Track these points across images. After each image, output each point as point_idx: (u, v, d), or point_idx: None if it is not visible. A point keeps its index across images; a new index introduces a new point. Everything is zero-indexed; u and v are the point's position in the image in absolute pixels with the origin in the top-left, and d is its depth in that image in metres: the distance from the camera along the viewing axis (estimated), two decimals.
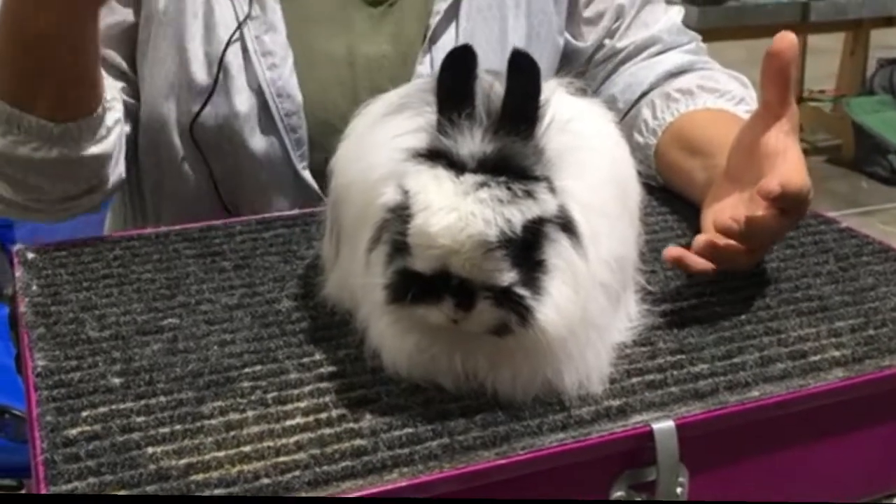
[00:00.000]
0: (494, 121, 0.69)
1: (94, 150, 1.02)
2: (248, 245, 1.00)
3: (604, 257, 0.73)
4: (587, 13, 1.27)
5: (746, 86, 1.22)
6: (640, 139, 1.17)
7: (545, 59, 1.22)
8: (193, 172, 1.14)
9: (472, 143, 0.68)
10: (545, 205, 0.68)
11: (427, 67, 1.14)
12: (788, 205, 0.85)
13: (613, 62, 1.27)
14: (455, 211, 0.66)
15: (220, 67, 1.09)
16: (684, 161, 1.09)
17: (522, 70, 0.69)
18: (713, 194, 0.95)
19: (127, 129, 1.11)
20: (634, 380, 0.77)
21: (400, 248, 0.69)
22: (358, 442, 0.70)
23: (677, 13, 1.31)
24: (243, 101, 1.10)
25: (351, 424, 0.72)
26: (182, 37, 1.09)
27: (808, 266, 0.96)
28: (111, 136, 1.04)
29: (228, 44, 1.09)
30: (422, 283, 0.68)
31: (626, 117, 1.21)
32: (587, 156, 0.76)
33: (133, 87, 1.14)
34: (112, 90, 1.07)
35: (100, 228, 1.31)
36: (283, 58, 1.10)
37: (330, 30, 1.14)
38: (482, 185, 0.67)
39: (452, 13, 1.16)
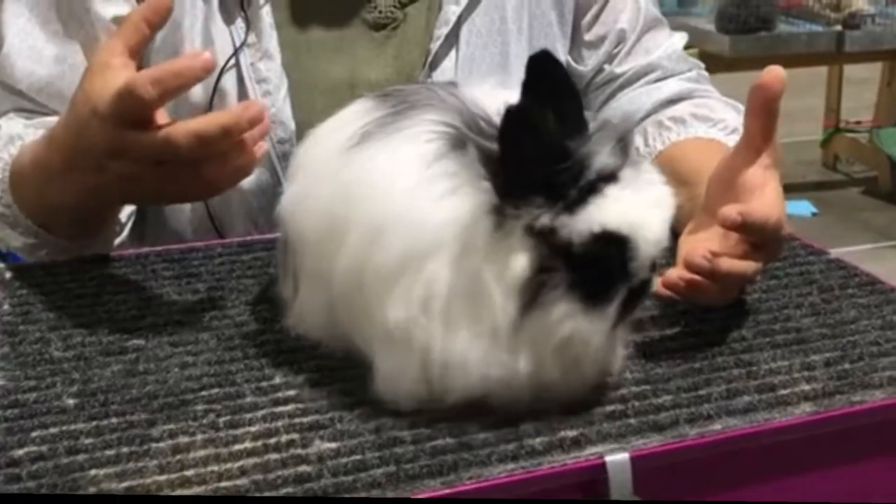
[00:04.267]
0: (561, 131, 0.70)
1: (107, 247, 1.06)
2: (226, 267, 1.00)
3: None
4: (588, 37, 1.26)
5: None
6: None
7: None
8: None
9: (609, 155, 0.70)
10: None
11: None
12: (755, 238, 0.83)
13: (612, 87, 1.26)
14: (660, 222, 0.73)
15: (213, 93, 1.10)
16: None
17: (549, 68, 0.71)
18: (690, 226, 0.93)
19: None
20: (594, 410, 0.75)
21: (614, 280, 0.72)
22: (303, 468, 0.69)
23: (679, 40, 1.30)
24: None
25: (299, 450, 0.71)
26: None
27: (790, 297, 0.94)
28: (125, 231, 1.09)
29: (223, 71, 1.09)
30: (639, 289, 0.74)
31: None
32: None
33: None
34: None
35: None
36: (277, 85, 1.11)
37: (331, 55, 1.14)
38: (641, 187, 0.72)
39: (453, 38, 1.16)
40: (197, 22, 1.10)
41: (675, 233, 0.96)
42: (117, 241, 1.10)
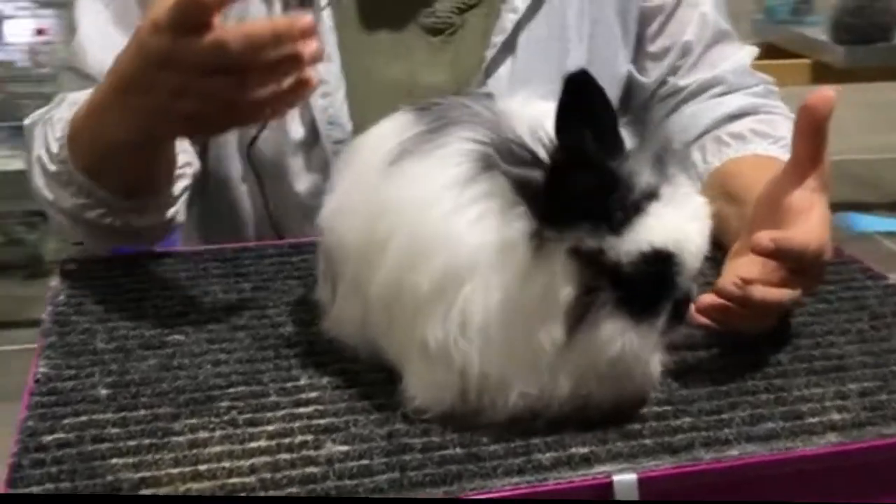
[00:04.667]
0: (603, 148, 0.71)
1: (158, 219, 1.06)
2: (274, 268, 1.02)
3: None
4: (652, 48, 1.24)
5: None
6: None
7: (608, 90, 1.20)
8: (250, 198, 1.18)
9: (648, 173, 0.72)
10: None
11: None
12: (793, 265, 0.81)
13: (675, 100, 1.24)
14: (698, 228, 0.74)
15: None
16: (722, 208, 1.05)
17: (587, 88, 0.71)
18: (736, 247, 0.91)
19: (197, 165, 1.14)
20: (610, 428, 0.75)
21: (662, 295, 0.74)
22: (310, 469, 0.70)
23: (747, 54, 1.27)
24: (296, 126, 1.14)
25: (310, 452, 0.72)
26: None
27: (837, 323, 0.91)
28: (176, 204, 1.08)
29: None
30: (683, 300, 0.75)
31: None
32: None
33: None
34: (185, 154, 1.09)
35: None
36: (336, 87, 1.13)
37: (389, 58, 1.15)
38: (680, 203, 0.74)
39: (510, 46, 1.16)
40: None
41: (720, 247, 0.95)
42: (167, 214, 1.07)
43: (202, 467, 0.70)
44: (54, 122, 1.04)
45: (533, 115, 0.76)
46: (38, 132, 1.07)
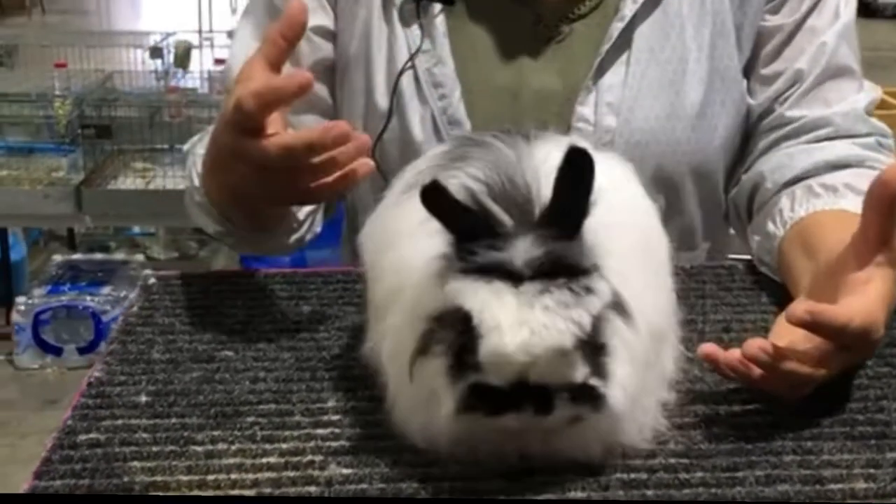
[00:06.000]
0: (541, 222, 0.70)
1: (285, 241, 1.15)
2: (336, 293, 1.06)
3: (648, 325, 0.74)
4: (764, 70, 1.19)
5: None
6: (771, 228, 1.09)
7: (730, 104, 1.17)
8: (376, 201, 1.23)
9: (520, 249, 0.68)
10: (604, 294, 0.69)
11: (589, 108, 1.14)
12: (834, 340, 0.77)
13: (776, 134, 1.18)
14: (526, 325, 0.66)
15: (394, 92, 1.17)
16: (798, 261, 1.01)
17: (577, 168, 0.69)
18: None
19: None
20: (615, 476, 0.74)
21: (466, 363, 0.69)
22: (309, 489, 0.72)
23: (866, 97, 1.19)
24: (417, 126, 1.17)
25: (315, 472, 0.75)
26: (369, 69, 1.18)
27: (894, 388, 0.86)
28: (302, 229, 1.16)
29: (402, 72, 1.17)
30: (497, 396, 0.68)
31: (769, 201, 1.14)
32: (618, 231, 0.75)
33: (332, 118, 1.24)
34: None
35: None
36: (452, 89, 1.16)
37: (499, 64, 1.17)
38: (544, 292, 0.67)
39: (622, 54, 1.15)
40: (382, 33, 1.19)
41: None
42: (293, 238, 1.15)
43: (210, 477, 0.74)
44: (198, 156, 1.12)
45: (550, 163, 0.76)
46: (189, 162, 1.16)
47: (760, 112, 1.19)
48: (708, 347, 0.81)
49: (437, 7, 1.16)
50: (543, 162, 0.76)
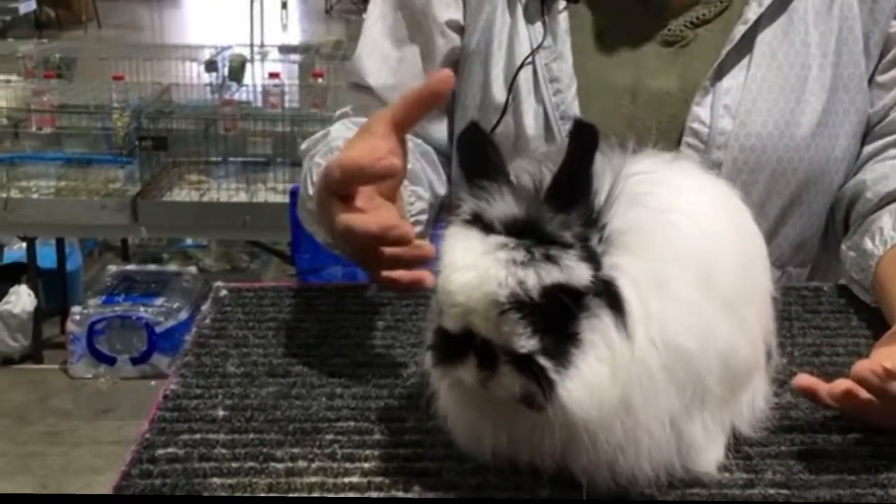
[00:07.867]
0: (536, 188, 0.70)
1: None
2: (410, 309, 1.04)
3: (665, 342, 0.69)
4: (882, 77, 1.17)
5: None
6: (868, 245, 1.05)
7: (853, 114, 1.15)
8: None
9: (503, 206, 0.69)
10: (571, 273, 0.67)
11: (706, 109, 1.12)
12: None
13: (884, 141, 1.15)
14: (473, 269, 0.68)
15: (511, 86, 1.16)
16: (894, 284, 0.98)
17: (580, 140, 0.69)
18: (886, 337, 0.85)
19: (427, 196, 1.18)
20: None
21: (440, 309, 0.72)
22: None
23: None
24: (531, 121, 1.16)
25: (398, 492, 0.73)
26: (488, 63, 1.19)
27: None
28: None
29: (522, 66, 1.16)
30: (450, 342, 0.70)
31: (868, 215, 1.11)
32: (659, 234, 0.72)
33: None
34: (418, 188, 1.15)
35: None
36: (568, 85, 1.16)
37: (618, 63, 1.17)
38: (503, 245, 0.68)
39: (743, 57, 1.13)
40: (504, 27, 1.19)
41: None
42: None
43: (291, 494, 0.72)
44: (313, 165, 1.12)
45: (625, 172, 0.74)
46: (305, 166, 1.15)
47: (876, 120, 1.17)
48: (805, 380, 0.78)
49: (562, 4, 1.17)
50: (619, 170, 0.74)
